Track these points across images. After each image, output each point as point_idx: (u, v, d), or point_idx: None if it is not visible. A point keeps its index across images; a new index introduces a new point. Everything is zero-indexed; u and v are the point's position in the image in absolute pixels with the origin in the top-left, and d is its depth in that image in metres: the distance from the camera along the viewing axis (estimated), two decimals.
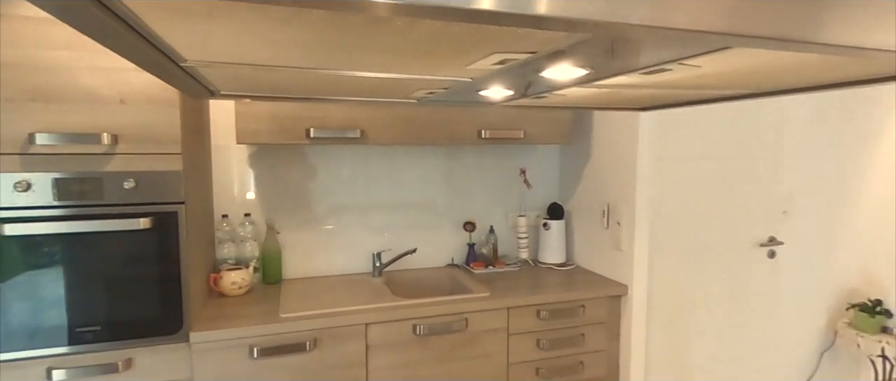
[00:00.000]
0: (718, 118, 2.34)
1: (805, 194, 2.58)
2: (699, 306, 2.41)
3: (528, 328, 1.99)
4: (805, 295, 2.64)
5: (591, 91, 0.70)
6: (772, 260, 2.48)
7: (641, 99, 0.85)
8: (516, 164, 2.51)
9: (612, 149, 2.18)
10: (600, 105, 0.90)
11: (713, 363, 2.47)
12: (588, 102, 0.87)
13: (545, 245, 2.44)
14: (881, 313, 2.46)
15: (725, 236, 2.41)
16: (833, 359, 2.74)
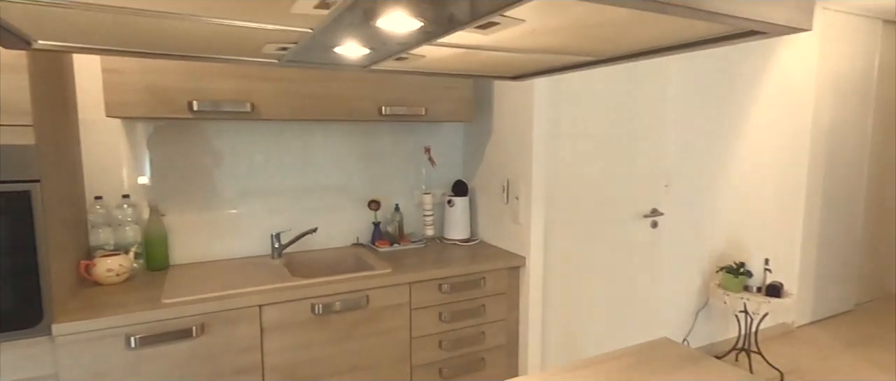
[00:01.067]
0: (607, 98, 2.49)
1: (683, 169, 2.84)
2: (591, 273, 2.58)
3: (431, 302, 2.02)
4: (683, 261, 2.93)
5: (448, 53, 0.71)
6: (654, 230, 2.71)
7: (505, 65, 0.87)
8: (421, 142, 2.52)
9: (510, 127, 2.25)
10: (469, 71, 0.92)
11: (604, 325, 2.67)
12: (454, 67, 0.88)
13: (450, 222, 2.48)
14: (743, 273, 2.78)
15: (613, 209, 2.59)
16: (707, 317, 3.07)
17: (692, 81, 2.79)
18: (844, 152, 3.60)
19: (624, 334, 2.75)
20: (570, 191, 2.46)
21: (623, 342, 2.76)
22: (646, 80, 2.59)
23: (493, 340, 2.19)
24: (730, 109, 3.00)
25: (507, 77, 1.00)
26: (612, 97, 2.51)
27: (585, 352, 2.61)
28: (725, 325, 3.12)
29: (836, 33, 3.38)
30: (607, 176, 2.55)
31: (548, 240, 2.41)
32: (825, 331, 3.50)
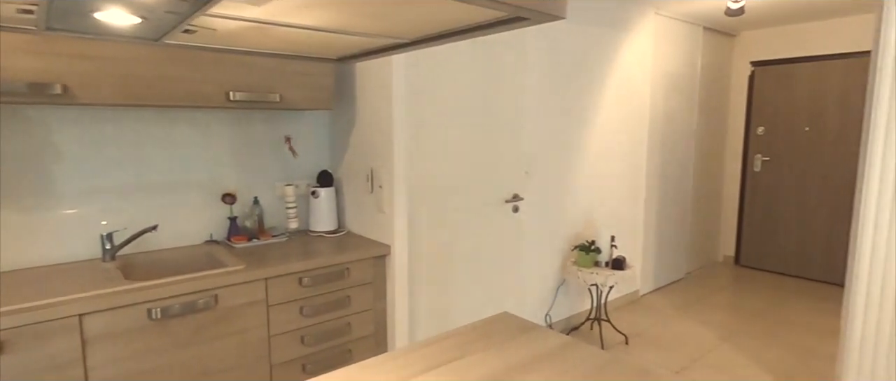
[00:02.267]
0: (470, 89, 2.59)
1: (542, 156, 3.06)
2: (458, 258, 2.68)
3: (290, 297, 1.95)
4: (543, 242, 3.16)
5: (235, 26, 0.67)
6: (516, 215, 2.89)
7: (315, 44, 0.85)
8: (282, 131, 2.40)
9: (372, 115, 2.23)
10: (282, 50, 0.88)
11: (473, 307, 2.79)
12: (259, 45, 0.84)
13: (316, 213, 2.41)
14: (594, 251, 3.08)
15: (478, 195, 2.71)
16: (565, 292, 3.35)
17: (548, 74, 3.01)
18: (675, 140, 4.14)
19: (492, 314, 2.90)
20: (435, 179, 2.52)
21: None
22: (506, 71, 2.73)
23: (360, 330, 2.17)
24: (581, 101, 3.28)
25: (329, 59, 0.98)
26: (475, 88, 2.61)
27: None
28: (581, 298, 3.44)
29: (667, 36, 3.86)
30: (471, 164, 2.65)
31: (414, 228, 2.45)
32: (663, 297, 4.02)
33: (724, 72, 4.66)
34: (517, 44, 2.75)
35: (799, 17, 4.09)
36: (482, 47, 2.60)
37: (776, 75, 4.46)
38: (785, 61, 4.40)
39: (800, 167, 4.36)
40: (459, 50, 2.51)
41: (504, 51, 2.70)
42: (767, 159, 4.56)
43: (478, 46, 2.58)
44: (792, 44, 4.36)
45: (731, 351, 3.09)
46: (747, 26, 4.48)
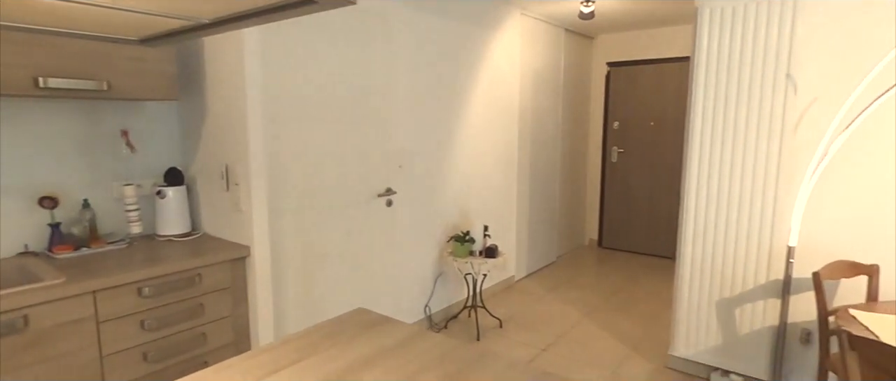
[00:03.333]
0: (337, 81, 2.51)
1: (416, 149, 3.08)
2: (329, 256, 2.60)
3: (128, 310, 1.73)
4: (419, 234, 3.19)
5: None
6: (390, 208, 2.88)
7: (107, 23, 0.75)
8: (117, 124, 2.13)
9: (226, 107, 2.06)
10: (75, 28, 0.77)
11: (347, 304, 2.73)
12: (44, 22, 0.73)
13: (163, 215, 2.17)
14: (468, 241, 3.18)
15: (349, 190, 2.65)
16: (444, 283, 3.42)
17: (419, 69, 3.03)
18: (543, 133, 4.43)
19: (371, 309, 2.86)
20: (301, 174, 2.41)
21: None
22: (374, 66, 2.70)
23: (217, 339, 2.01)
24: (454, 96, 3.36)
25: (131, 40, 0.87)
26: (342, 82, 2.54)
27: None
28: (459, 287, 3.54)
29: (532, 36, 4.10)
30: (341, 158, 2.58)
31: (279, 226, 2.32)
32: (536, 281, 4.29)
33: (584, 71, 5.09)
34: (384, 38, 2.73)
35: (644, 24, 4.59)
36: (347, 41, 2.54)
37: (627, 75, 4.97)
38: (634, 63, 4.92)
39: (648, 157, 4.91)
40: (323, 43, 2.43)
41: (371, 45, 2.66)
42: (622, 151, 5.07)
43: (342, 40, 2.52)
44: (639, 47, 4.88)
45: (591, 325, 3.39)
46: (603, 30, 4.93)
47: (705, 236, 2.53)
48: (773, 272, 2.36)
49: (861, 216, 2.20)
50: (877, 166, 2.15)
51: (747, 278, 2.44)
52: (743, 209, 2.40)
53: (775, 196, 2.32)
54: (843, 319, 1.82)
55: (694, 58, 2.48)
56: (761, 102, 2.30)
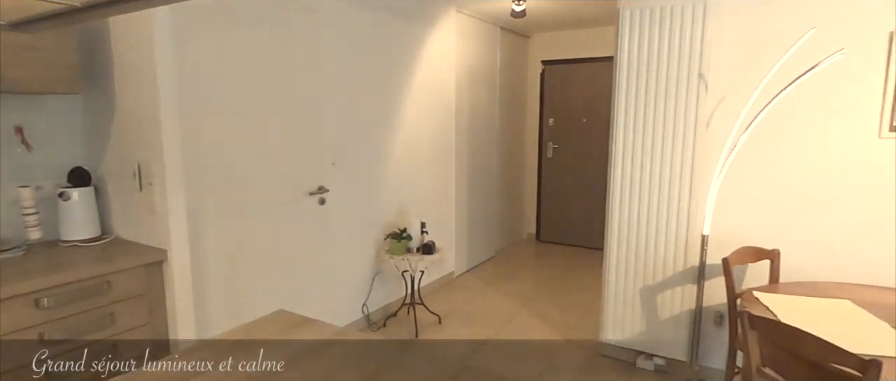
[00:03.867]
0: (261, 76, 2.41)
1: (350, 146, 3.02)
2: (259, 256, 2.50)
3: (23, 323, 1.58)
4: (355, 233, 3.14)
5: None
6: (323, 207, 2.80)
7: None
8: (9, 120, 1.93)
9: (137, 101, 1.93)
10: None
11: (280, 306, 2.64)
12: None
13: (68, 219, 2.00)
14: (405, 238, 3.16)
15: (277, 189, 2.56)
16: (382, 281, 3.38)
17: (352, 65, 2.97)
18: (481, 130, 4.48)
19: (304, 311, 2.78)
20: (225, 172, 2.30)
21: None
22: (303, 60, 2.62)
23: (131, 350, 1.87)
24: (389, 92, 3.33)
25: None
26: (269, 76, 2.44)
27: None
28: (399, 285, 3.51)
29: (468, 33, 4.13)
30: (268, 155, 2.48)
31: (201, 227, 2.20)
32: (475, 276, 4.34)
33: (520, 69, 5.19)
34: (314, 32, 2.66)
35: (576, 24, 4.75)
36: (272, 33, 2.44)
37: (561, 73, 5.13)
38: (567, 61, 5.08)
39: (582, 153, 5.09)
40: (245, 34, 2.32)
41: (298, 38, 2.58)
42: (557, 146, 5.23)
43: (267, 31, 2.42)
44: (572, 46, 5.04)
45: (529, 316, 3.48)
46: (537, 29, 5.05)
47: (629, 228, 2.65)
48: (690, 260, 2.52)
49: (764, 206, 2.38)
50: (776, 160, 2.34)
51: (667, 266, 2.58)
52: (662, 202, 2.54)
53: (690, 189, 2.46)
54: (748, 300, 1.96)
55: (616, 58, 2.59)
56: (677, 100, 2.44)
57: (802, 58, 2.06)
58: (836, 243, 2.26)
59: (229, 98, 2.29)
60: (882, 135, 2.14)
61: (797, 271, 2.29)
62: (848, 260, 2.23)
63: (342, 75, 2.89)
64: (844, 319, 1.78)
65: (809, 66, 2.04)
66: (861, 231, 2.21)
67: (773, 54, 2.14)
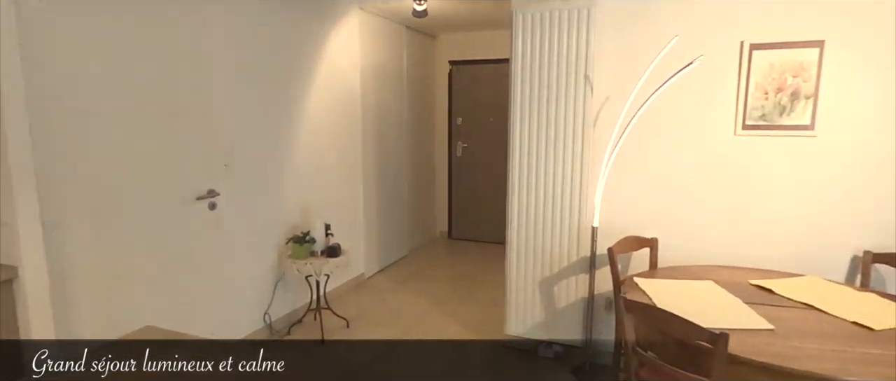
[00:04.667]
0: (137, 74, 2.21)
1: (245, 147, 2.86)
2: (139, 268, 2.29)
3: None
4: (254, 238, 2.98)
5: None
6: (214, 212, 2.63)
7: None
8: None
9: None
10: None
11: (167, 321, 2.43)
12: None
13: None
14: (309, 241, 3.05)
15: (160, 193, 2.36)
16: (285, 287, 3.24)
17: (245, 61, 2.81)
18: (389, 129, 4.45)
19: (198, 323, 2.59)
20: (94, 175, 2.07)
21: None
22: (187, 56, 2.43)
23: None
24: (288, 90, 3.19)
25: None
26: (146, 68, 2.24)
27: None
28: (302, 290, 3.39)
29: (373, 32, 4.08)
30: (147, 157, 2.28)
31: (64, 238, 1.97)
32: (387, 276, 4.30)
33: (428, 69, 5.23)
34: (197, 25, 2.48)
35: (481, 26, 4.86)
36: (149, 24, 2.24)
37: (468, 74, 5.24)
38: (474, 62, 5.20)
39: (490, 151, 5.23)
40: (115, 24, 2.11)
41: (179, 30, 2.39)
42: (466, 146, 5.34)
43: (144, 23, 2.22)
44: (478, 47, 5.16)
45: (438, 315, 3.51)
46: (444, 30, 5.11)
47: (527, 223, 2.76)
48: (582, 250, 2.67)
49: (644, 198, 2.59)
50: (652, 156, 2.55)
51: (563, 258, 2.72)
52: (556, 197, 2.67)
53: (581, 184, 2.62)
54: (629, 286, 2.12)
55: (512, 60, 2.68)
56: (566, 100, 2.58)
57: (672, 62, 2.27)
58: (703, 230, 2.51)
59: (98, 94, 2.06)
60: (737, 132, 2.41)
61: (673, 256, 2.52)
62: (713, 245, 2.49)
63: (233, 71, 2.73)
64: (707, 298, 1.98)
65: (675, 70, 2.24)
66: (722, 218, 2.48)
67: (646, 59, 2.33)
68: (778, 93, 2.31)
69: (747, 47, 2.32)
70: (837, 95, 2.23)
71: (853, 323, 1.71)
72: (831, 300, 1.90)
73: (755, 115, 2.36)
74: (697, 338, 1.48)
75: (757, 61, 2.32)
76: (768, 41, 2.29)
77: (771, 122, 2.34)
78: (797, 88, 2.28)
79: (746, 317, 1.77)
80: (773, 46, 2.29)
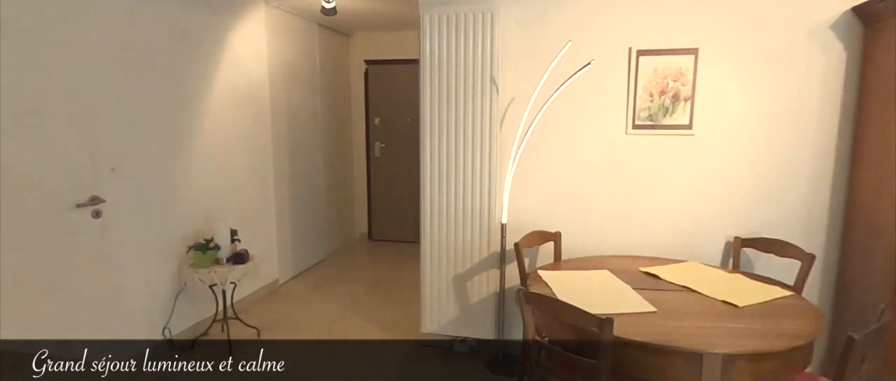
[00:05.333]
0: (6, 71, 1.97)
1: (134, 151, 2.64)
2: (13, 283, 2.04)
3: None
4: (148, 247, 2.76)
5: None
6: (99, 220, 2.40)
7: None
8: None
9: None
10: None
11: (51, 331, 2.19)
12: None
13: None
14: (213, 248, 2.88)
15: (29, 202, 2.12)
16: (187, 298, 3.04)
17: (131, 59, 2.60)
18: (303, 130, 4.32)
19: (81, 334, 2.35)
20: None
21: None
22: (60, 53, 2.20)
23: None
24: (187, 89, 2.99)
25: None
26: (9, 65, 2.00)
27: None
28: (206, 301, 3.19)
29: (282, 29, 3.94)
30: (10, 162, 2.03)
31: None
32: (302, 282, 4.17)
33: (343, 68, 5.14)
34: (75, 21, 2.25)
35: (394, 26, 4.85)
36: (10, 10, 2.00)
37: (385, 74, 5.21)
38: (390, 62, 5.18)
39: (408, 151, 5.23)
40: None
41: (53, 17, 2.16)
42: (384, 146, 5.31)
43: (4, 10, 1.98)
44: (394, 47, 5.14)
45: (354, 317, 3.46)
46: (359, 29, 5.05)
47: (440, 221, 2.80)
48: (493, 246, 2.76)
49: (548, 194, 2.72)
50: (554, 154, 2.69)
51: (474, 254, 2.79)
52: (467, 195, 2.74)
53: (490, 182, 2.70)
54: (533, 279, 2.22)
55: (421, 60, 2.70)
56: (474, 101, 2.64)
57: (569, 66, 2.40)
58: (601, 223, 2.69)
59: None
60: (628, 132, 2.60)
61: (575, 248, 2.67)
62: (610, 236, 2.67)
63: (118, 66, 2.51)
64: (602, 286, 2.12)
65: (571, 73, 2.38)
66: (617, 211, 2.67)
67: (545, 62, 2.45)
68: (661, 95, 2.52)
69: (635, 53, 2.51)
70: (711, 98, 2.48)
71: (722, 302, 1.92)
72: (706, 283, 2.11)
73: (643, 115, 2.56)
74: (586, 324, 1.58)
75: (643, 66, 2.52)
76: (652, 48, 2.50)
77: (656, 122, 2.55)
78: (677, 91, 2.51)
79: (633, 302, 1.91)
80: (657, 53, 2.49)
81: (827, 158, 2.40)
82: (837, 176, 2.40)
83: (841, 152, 2.38)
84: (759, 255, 2.49)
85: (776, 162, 2.45)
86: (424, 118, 2.74)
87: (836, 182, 2.41)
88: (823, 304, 2.48)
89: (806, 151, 2.42)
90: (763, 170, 2.47)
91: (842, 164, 2.39)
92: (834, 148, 2.39)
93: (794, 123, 2.41)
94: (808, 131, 2.40)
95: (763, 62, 2.40)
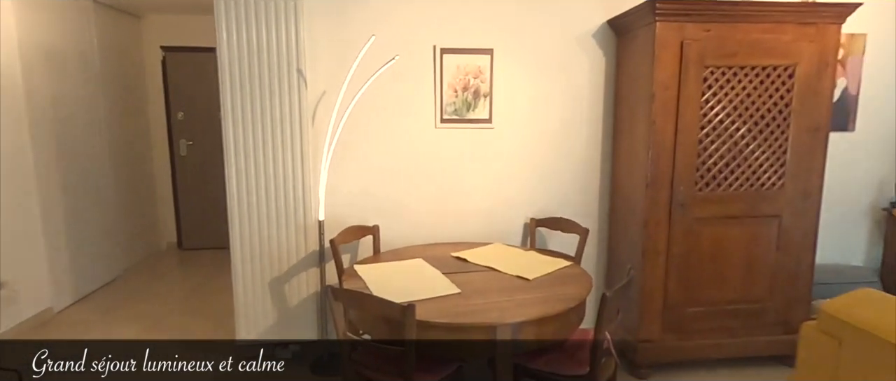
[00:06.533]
0: None
1: None
2: None
3: None
4: None
5: None
6: None
7: None
8: None
9: None
10: None
11: None
12: None
13: None
14: None
15: None
16: None
17: None
18: (79, 128, 3.62)
19: None
20: None
21: None
22: None
23: None
24: None
25: None
26: None
27: None
28: None
29: (35, 5, 3.22)
30: None
31: None
32: (89, 306, 3.52)
33: (133, 55, 4.44)
34: None
35: (195, 10, 4.34)
36: None
37: (188, 62, 4.64)
38: (194, 50, 4.63)
39: (219, 149, 4.73)
40: None
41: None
42: (192, 143, 4.75)
43: None
44: (198, 33, 4.60)
45: (159, 337, 3.04)
46: (151, 10, 4.41)
47: (251, 223, 2.60)
48: (310, 245, 2.66)
49: (364, 188, 2.73)
50: (369, 147, 2.71)
51: (291, 255, 2.66)
52: (279, 193, 2.59)
53: (303, 179, 2.59)
54: (348, 275, 2.20)
55: (217, 49, 2.47)
56: (281, 94, 2.51)
57: (376, 61, 2.42)
58: (417, 213, 2.79)
59: None
60: (437, 126, 2.74)
61: (394, 240, 2.73)
62: (425, 225, 2.79)
63: None
64: (415, 274, 2.20)
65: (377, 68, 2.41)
66: (430, 201, 2.80)
67: (352, 55, 2.44)
68: (464, 91, 2.71)
69: (439, 51, 2.65)
70: (505, 94, 2.75)
71: (517, 277, 2.15)
72: (506, 261, 2.34)
73: (449, 110, 2.73)
74: (390, 313, 1.62)
75: (447, 63, 2.68)
76: (454, 47, 2.66)
77: (461, 116, 2.74)
78: (478, 88, 2.72)
79: (442, 286, 2.03)
80: (458, 51, 2.67)
81: (595, 149, 2.86)
82: (603, 163, 2.87)
83: (605, 143, 2.85)
84: (551, 233, 2.85)
85: (559, 152, 2.83)
86: (226, 114, 2.52)
87: (603, 168, 2.88)
88: (599, 269, 2.95)
89: (579, 142, 2.84)
90: (548, 158, 2.83)
91: (607, 153, 2.86)
92: (600, 140, 2.85)
93: (569, 119, 2.81)
94: (581, 125, 2.82)
95: (543, 64, 2.74)
